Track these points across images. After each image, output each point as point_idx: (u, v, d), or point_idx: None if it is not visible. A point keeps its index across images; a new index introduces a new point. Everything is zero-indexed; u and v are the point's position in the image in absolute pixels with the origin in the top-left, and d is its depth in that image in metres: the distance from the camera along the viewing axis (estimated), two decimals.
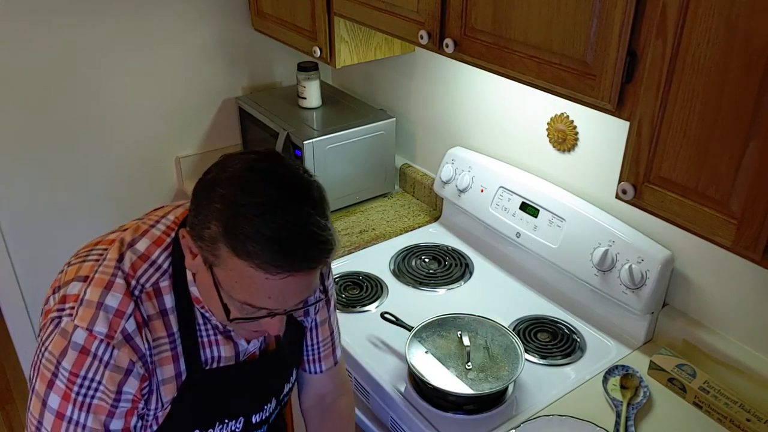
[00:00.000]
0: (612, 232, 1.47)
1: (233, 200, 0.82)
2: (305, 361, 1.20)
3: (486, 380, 1.31)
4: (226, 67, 2.18)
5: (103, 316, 0.88)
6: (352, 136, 1.94)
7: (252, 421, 1.10)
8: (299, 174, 0.86)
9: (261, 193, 0.82)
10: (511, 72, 1.23)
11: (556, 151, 1.63)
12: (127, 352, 0.89)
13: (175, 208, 1.02)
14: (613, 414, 1.30)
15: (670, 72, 0.97)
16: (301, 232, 0.82)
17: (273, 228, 0.80)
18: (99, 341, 0.88)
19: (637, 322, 1.48)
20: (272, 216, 0.80)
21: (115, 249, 0.94)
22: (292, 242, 0.81)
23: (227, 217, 0.81)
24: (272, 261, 0.81)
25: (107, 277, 0.91)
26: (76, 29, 1.87)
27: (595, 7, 1.04)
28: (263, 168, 0.84)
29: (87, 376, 0.88)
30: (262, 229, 0.80)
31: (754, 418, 1.23)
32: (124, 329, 0.89)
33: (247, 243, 0.80)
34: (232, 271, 0.83)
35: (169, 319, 0.94)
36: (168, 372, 0.95)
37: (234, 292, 0.86)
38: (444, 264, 1.76)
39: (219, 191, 0.83)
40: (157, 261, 0.94)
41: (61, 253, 2.08)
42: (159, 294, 0.94)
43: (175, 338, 0.95)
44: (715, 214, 0.98)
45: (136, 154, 2.12)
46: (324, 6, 1.69)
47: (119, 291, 0.90)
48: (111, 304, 0.89)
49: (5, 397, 2.71)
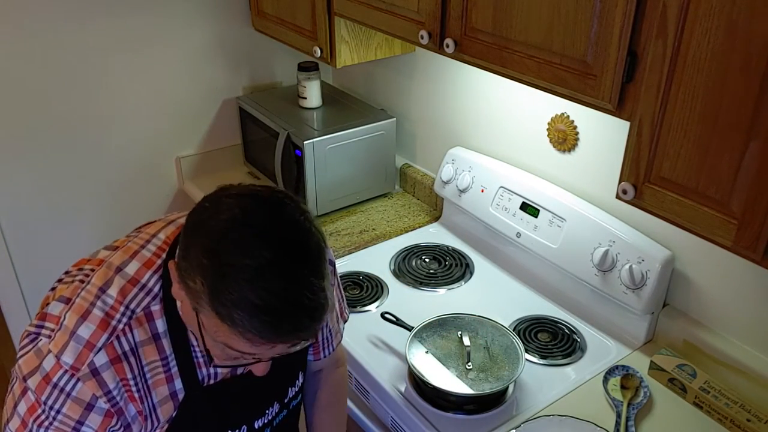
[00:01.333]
0: (612, 232, 1.47)
1: (222, 260, 0.75)
2: (320, 350, 1.19)
3: (486, 380, 1.31)
4: (226, 67, 2.18)
5: (72, 347, 0.86)
6: (353, 136, 1.94)
7: (255, 426, 1.09)
8: (299, 225, 0.80)
9: (255, 254, 0.75)
10: (511, 72, 1.23)
11: (556, 151, 1.63)
12: (91, 387, 0.86)
13: (165, 225, 0.98)
14: (614, 414, 1.30)
15: (670, 72, 0.97)
16: (293, 300, 0.76)
17: (262, 296, 0.74)
18: (63, 371, 0.86)
19: (638, 322, 1.48)
20: (263, 282, 0.74)
21: (101, 274, 0.91)
22: (281, 313, 0.75)
23: (214, 278, 0.76)
24: (258, 332, 0.76)
25: (86, 305, 0.89)
26: (76, 29, 1.87)
27: (596, 7, 1.04)
28: (260, 222, 0.78)
29: (47, 402, 0.87)
30: (250, 297, 0.74)
31: (754, 419, 1.23)
32: (91, 362, 0.86)
33: (233, 310, 0.75)
34: (215, 324, 0.79)
35: (162, 343, 0.92)
36: (163, 392, 0.94)
37: (217, 337, 0.81)
38: (444, 264, 1.76)
39: (210, 244, 0.77)
40: (147, 284, 0.90)
41: (61, 253, 2.08)
42: (150, 318, 0.90)
43: (168, 360, 0.93)
44: (715, 214, 0.98)
45: (136, 154, 2.12)
46: (324, 6, 1.69)
47: (93, 322, 0.87)
48: (82, 335, 0.87)
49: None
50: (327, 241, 0.85)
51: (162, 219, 1.01)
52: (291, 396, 1.14)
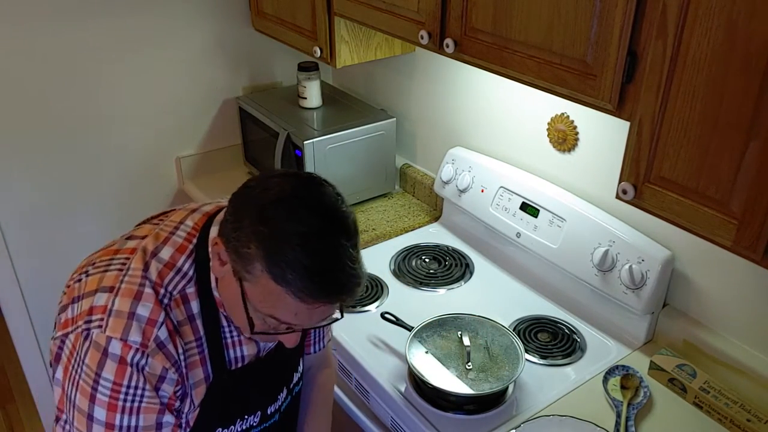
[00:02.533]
0: (612, 232, 1.47)
1: (278, 226, 0.83)
2: (312, 343, 1.25)
3: (486, 380, 1.31)
4: (226, 67, 2.18)
5: (136, 326, 0.90)
6: (353, 136, 1.94)
7: (267, 412, 1.12)
8: (339, 204, 0.88)
9: (305, 222, 0.84)
10: (511, 72, 1.23)
11: (556, 151, 1.63)
12: (160, 360, 0.91)
13: (190, 213, 1.02)
14: (614, 414, 1.30)
15: (670, 72, 0.97)
16: (338, 265, 0.84)
17: (313, 259, 0.83)
18: (134, 350, 0.89)
19: (638, 322, 1.48)
20: (314, 246, 0.83)
21: (139, 258, 0.95)
22: (328, 275, 0.84)
23: (270, 243, 0.83)
24: (308, 291, 0.84)
25: (135, 287, 0.92)
26: (76, 29, 1.87)
27: (596, 7, 1.04)
28: (307, 195, 0.87)
29: (131, 384, 0.90)
30: (302, 259, 0.82)
31: (754, 419, 1.23)
32: (156, 337, 0.91)
33: (287, 271, 0.82)
34: (264, 289, 0.86)
35: (197, 324, 0.96)
36: (198, 375, 0.97)
37: (261, 306, 0.88)
38: (444, 264, 1.76)
39: (264, 213, 0.85)
40: (182, 268, 0.95)
41: (61, 253, 2.08)
42: (186, 300, 0.95)
43: (201, 342, 0.97)
44: (715, 214, 0.98)
45: (136, 154, 2.12)
46: (324, 6, 1.69)
47: (149, 300, 0.92)
48: (142, 314, 0.91)
49: (5, 397, 2.71)
50: None
51: (183, 208, 1.05)
52: (295, 381, 1.19)
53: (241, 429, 1.08)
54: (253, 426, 1.11)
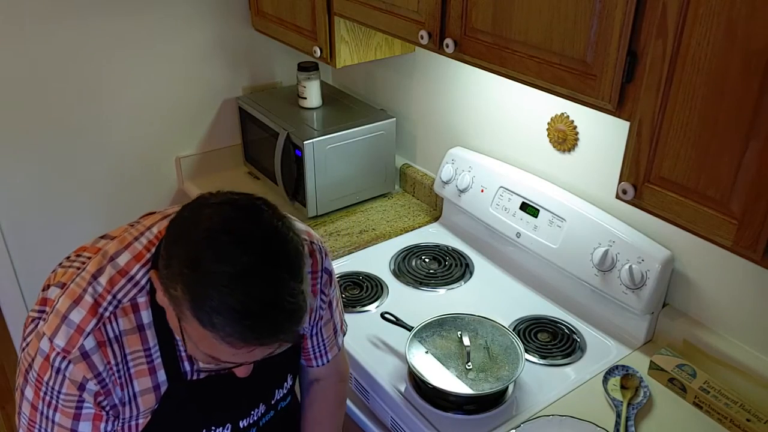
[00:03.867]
0: (612, 232, 1.47)
1: (202, 268, 0.78)
2: (312, 358, 1.20)
3: (486, 380, 1.31)
4: (226, 67, 2.18)
5: (64, 330, 0.90)
6: (352, 136, 1.94)
7: (239, 426, 1.09)
8: (277, 231, 0.82)
9: (234, 261, 0.77)
10: (511, 72, 1.23)
11: (556, 151, 1.63)
12: (82, 369, 0.90)
13: (162, 218, 0.99)
14: (614, 414, 1.30)
15: (670, 72, 0.97)
16: (272, 303, 0.78)
17: (242, 301, 0.76)
18: (56, 353, 0.90)
19: (638, 322, 1.48)
20: (242, 287, 0.77)
21: (96, 262, 0.94)
22: (260, 316, 0.77)
23: (194, 286, 0.78)
24: (238, 335, 0.78)
25: (78, 290, 0.92)
26: (76, 29, 1.87)
27: (596, 7, 1.04)
28: (238, 229, 0.80)
29: (49, 383, 0.91)
30: (229, 303, 0.76)
31: (754, 419, 1.23)
32: (81, 346, 0.90)
33: (213, 316, 0.77)
34: (196, 332, 0.81)
35: (146, 333, 0.94)
36: (145, 383, 0.96)
37: (200, 346, 0.84)
38: (444, 264, 1.76)
39: (190, 254, 0.79)
40: (135, 277, 0.93)
41: (61, 253, 2.07)
42: (136, 309, 0.93)
43: (151, 352, 0.95)
44: (715, 214, 0.98)
45: (136, 154, 2.12)
46: (324, 6, 1.69)
47: (84, 307, 0.91)
48: (74, 319, 0.90)
49: (5, 397, 2.71)
50: (305, 247, 0.87)
51: (160, 212, 1.03)
52: (278, 398, 1.15)
53: None
54: None
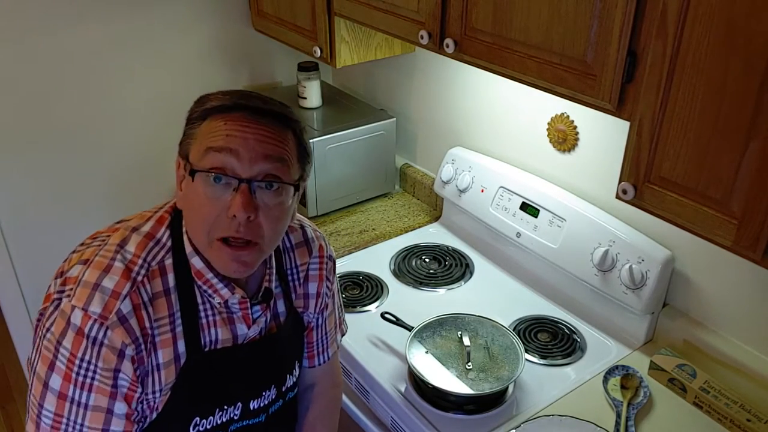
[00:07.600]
0: (612, 232, 1.47)
1: (205, 97, 0.96)
2: (315, 354, 1.21)
3: (486, 380, 1.31)
4: (226, 67, 2.18)
5: (98, 297, 0.90)
6: (353, 136, 1.94)
7: (250, 407, 1.09)
8: (284, 106, 0.99)
9: (232, 93, 0.96)
10: (511, 72, 1.23)
11: (556, 151, 1.63)
12: (120, 334, 0.90)
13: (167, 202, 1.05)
14: (614, 414, 1.30)
15: (670, 72, 0.97)
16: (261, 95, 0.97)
17: (235, 93, 0.95)
18: (93, 321, 0.89)
19: (638, 322, 1.48)
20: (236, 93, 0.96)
21: (118, 235, 0.98)
22: (241, 92, 0.96)
23: (198, 105, 0.95)
24: (228, 102, 0.93)
25: (106, 260, 0.94)
26: (76, 29, 1.87)
27: (596, 7, 1.04)
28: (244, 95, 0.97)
29: (84, 358, 0.90)
30: (224, 96, 0.95)
31: (754, 418, 1.23)
32: (119, 310, 0.90)
33: (211, 103, 0.93)
34: (200, 137, 0.92)
35: (171, 298, 0.96)
36: (167, 355, 0.96)
37: (203, 161, 0.91)
38: (444, 264, 1.76)
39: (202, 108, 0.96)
40: (161, 239, 0.98)
41: (61, 253, 2.05)
42: (164, 272, 0.96)
43: (175, 318, 0.96)
44: (715, 214, 0.98)
45: (136, 154, 2.12)
46: (324, 6, 1.69)
47: (116, 273, 0.92)
48: (107, 286, 0.91)
49: (5, 397, 2.71)
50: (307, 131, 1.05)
51: None
52: (288, 386, 1.16)
53: (220, 421, 1.05)
54: (233, 419, 1.07)
